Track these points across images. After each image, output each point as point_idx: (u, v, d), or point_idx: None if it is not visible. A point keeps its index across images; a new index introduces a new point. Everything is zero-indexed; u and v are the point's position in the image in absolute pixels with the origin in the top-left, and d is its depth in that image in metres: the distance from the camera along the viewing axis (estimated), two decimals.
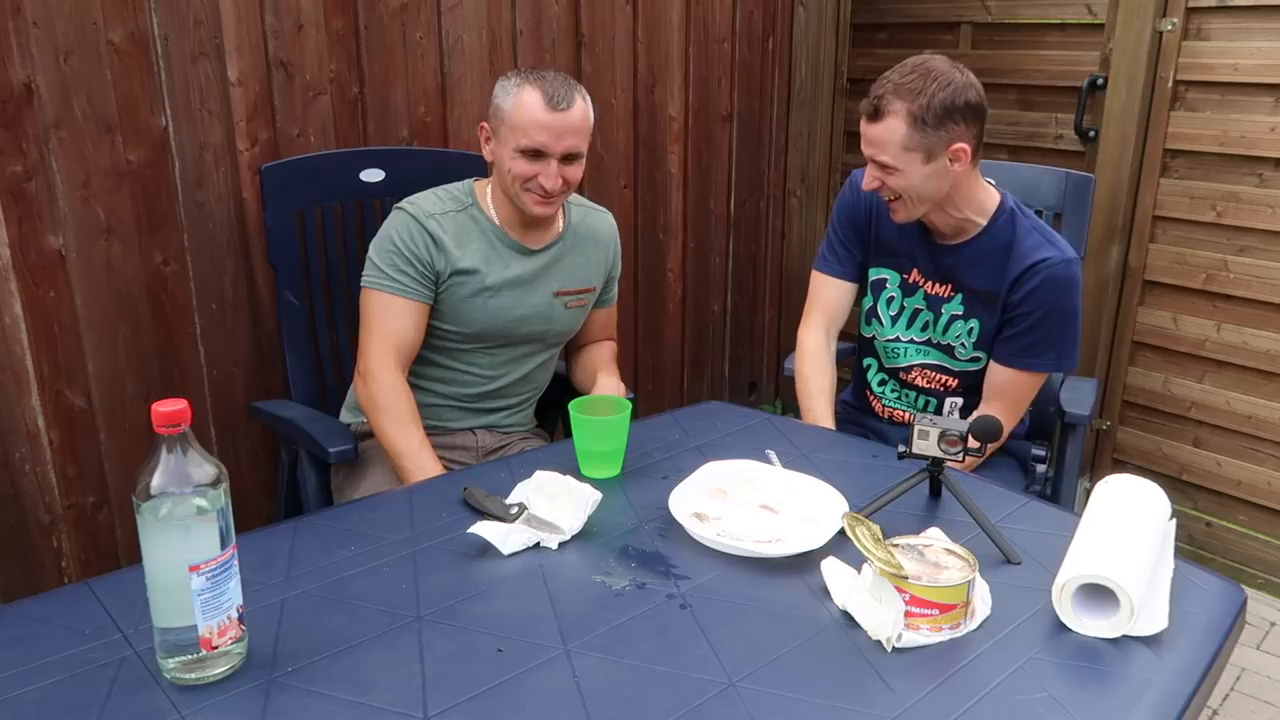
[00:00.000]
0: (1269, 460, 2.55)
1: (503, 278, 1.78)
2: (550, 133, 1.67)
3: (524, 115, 1.67)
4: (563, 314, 1.87)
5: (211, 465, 0.97)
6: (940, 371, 1.87)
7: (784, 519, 1.33)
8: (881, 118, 1.66)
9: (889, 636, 1.06)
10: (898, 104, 1.65)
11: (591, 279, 1.91)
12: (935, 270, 1.83)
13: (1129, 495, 1.25)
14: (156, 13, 1.87)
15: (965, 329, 1.82)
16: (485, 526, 1.25)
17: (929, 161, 1.67)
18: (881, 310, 1.90)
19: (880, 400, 1.98)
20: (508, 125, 1.69)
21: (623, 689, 1.00)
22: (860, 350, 2.01)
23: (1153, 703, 1.00)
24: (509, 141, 1.69)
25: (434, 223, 1.74)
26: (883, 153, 1.68)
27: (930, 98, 1.63)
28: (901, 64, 1.69)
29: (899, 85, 1.65)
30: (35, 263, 1.81)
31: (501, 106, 1.70)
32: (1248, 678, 2.30)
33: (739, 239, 3.25)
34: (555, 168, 1.69)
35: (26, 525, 1.90)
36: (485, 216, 1.79)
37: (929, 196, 1.72)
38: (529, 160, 1.69)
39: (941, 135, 1.65)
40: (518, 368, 1.87)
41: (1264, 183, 2.42)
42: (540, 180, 1.69)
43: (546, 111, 1.66)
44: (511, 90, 1.69)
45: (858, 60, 3.20)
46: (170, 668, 0.99)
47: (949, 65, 1.67)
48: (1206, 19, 2.44)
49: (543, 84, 1.67)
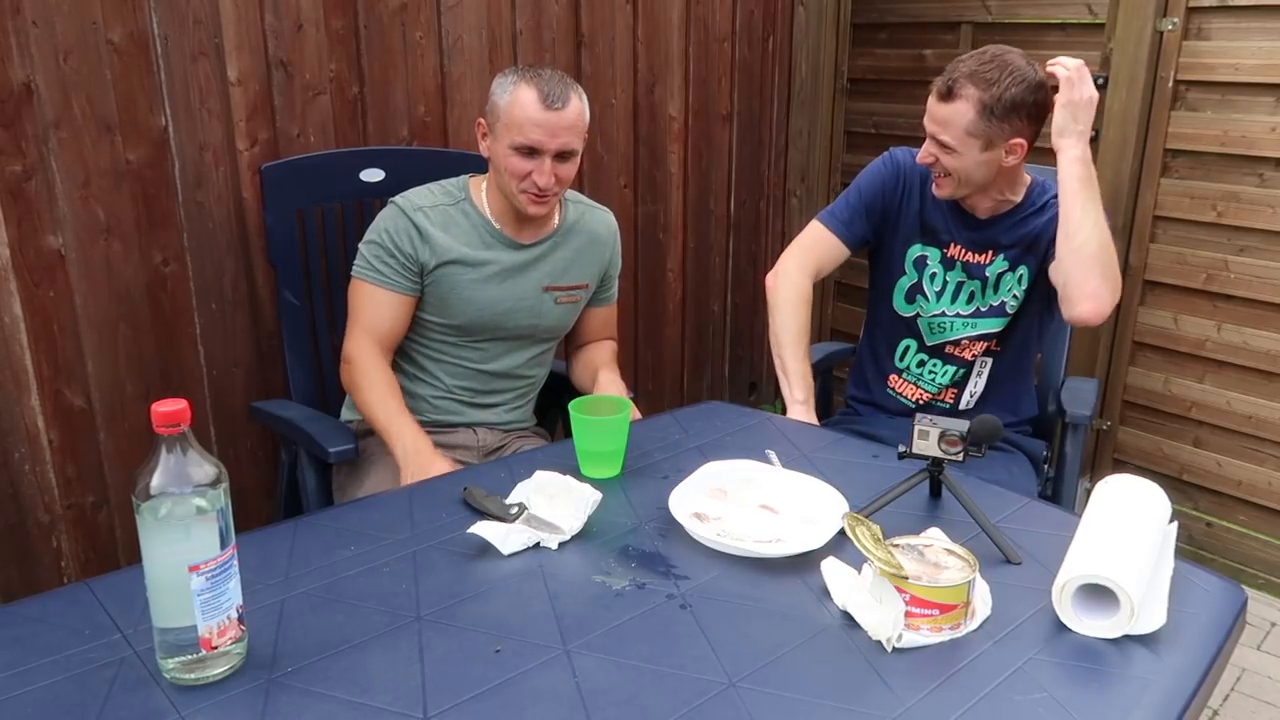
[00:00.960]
0: (1269, 460, 2.55)
1: (489, 269, 1.80)
2: (545, 130, 1.69)
3: (519, 113, 1.69)
4: (552, 309, 1.89)
5: (211, 465, 0.97)
6: (986, 339, 1.90)
7: (784, 519, 1.33)
8: (953, 99, 1.71)
9: (889, 636, 1.06)
10: (971, 89, 1.69)
11: (584, 276, 1.92)
12: (971, 242, 1.87)
13: (1129, 495, 1.25)
14: (156, 12, 1.87)
15: (1015, 279, 1.86)
16: (485, 526, 1.25)
17: (987, 150, 1.72)
18: (927, 286, 1.91)
19: (915, 384, 1.97)
20: (503, 122, 1.71)
21: (623, 689, 0.99)
22: (890, 336, 1.99)
23: (1153, 703, 1.00)
24: (504, 138, 1.72)
25: (421, 215, 1.77)
26: (945, 132, 1.73)
27: (1003, 90, 1.68)
28: (980, 51, 1.74)
29: (975, 72, 1.69)
30: (35, 263, 1.81)
31: (498, 103, 1.73)
32: (1248, 678, 2.30)
33: (739, 239, 3.25)
34: (549, 165, 1.71)
35: (26, 525, 1.90)
36: (476, 210, 1.81)
37: (978, 181, 1.78)
38: (523, 157, 1.71)
39: (1004, 128, 1.70)
40: (509, 360, 1.89)
41: (1264, 183, 2.42)
42: (534, 177, 1.71)
43: (541, 110, 1.68)
44: (508, 88, 1.71)
45: (858, 60, 3.20)
46: (170, 668, 0.99)
47: (1025, 61, 1.71)
48: (1207, 19, 2.44)
49: (539, 82, 1.70)
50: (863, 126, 3.24)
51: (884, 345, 2.00)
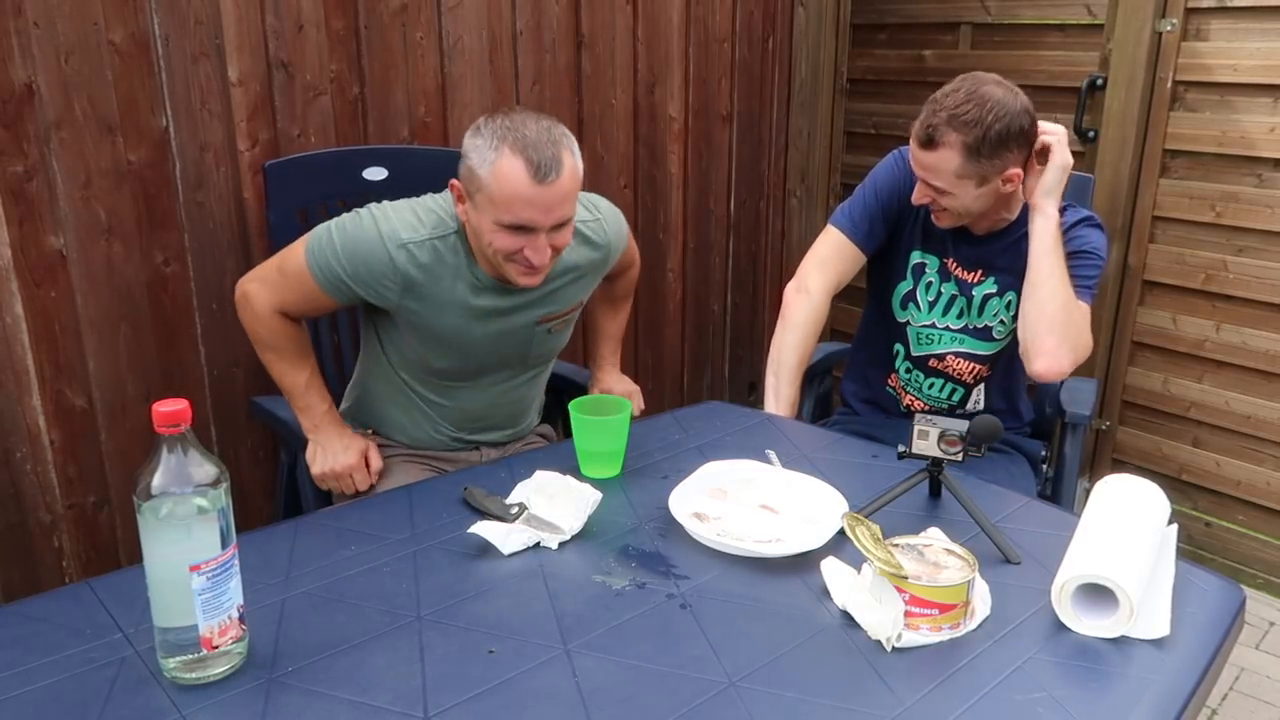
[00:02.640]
0: (1268, 460, 2.55)
1: (474, 315, 1.62)
2: (538, 208, 1.45)
3: (506, 189, 1.44)
4: (544, 338, 1.74)
5: (212, 465, 0.97)
6: (973, 360, 1.87)
7: (784, 519, 1.33)
8: (936, 147, 1.65)
9: (889, 636, 1.06)
10: (952, 135, 1.63)
11: (580, 296, 1.76)
12: (967, 259, 1.84)
13: (1129, 495, 1.25)
14: (157, 13, 1.87)
15: (1002, 304, 1.82)
16: (485, 526, 1.26)
17: (981, 186, 1.68)
18: (920, 295, 1.88)
19: (905, 389, 1.96)
20: (486, 195, 1.46)
21: (623, 689, 1.00)
22: (885, 337, 1.97)
23: (1152, 703, 1.00)
24: (488, 213, 1.47)
25: (404, 254, 1.54)
26: (936, 179, 1.68)
27: (986, 129, 1.61)
28: (954, 87, 1.65)
29: (954, 115, 1.62)
30: (36, 263, 1.81)
31: (477, 172, 1.46)
32: (1247, 677, 2.30)
33: (739, 239, 3.25)
34: (544, 240, 1.49)
35: (27, 525, 1.90)
36: (465, 251, 1.58)
37: (979, 211, 1.75)
38: (513, 234, 1.47)
39: (996, 163, 1.65)
40: (502, 393, 1.77)
41: (1263, 183, 2.42)
42: (527, 254, 1.49)
43: (533, 185, 1.43)
44: (488, 155, 1.45)
45: (858, 60, 3.20)
46: (171, 667, 0.99)
47: (1003, 90, 1.64)
48: (1206, 19, 2.44)
49: (525, 149, 1.43)
50: (863, 127, 3.24)
51: (878, 346, 1.99)
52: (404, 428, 1.78)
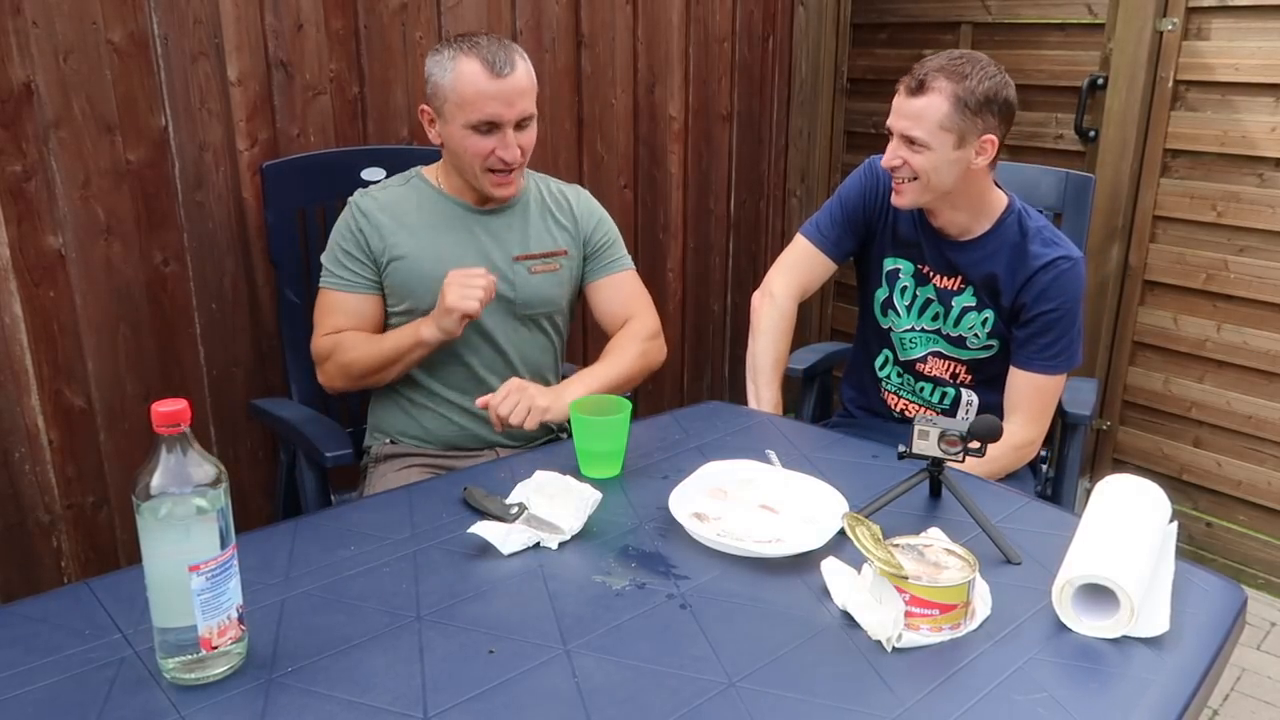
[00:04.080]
0: (1269, 460, 2.55)
1: (448, 240, 1.73)
2: (500, 100, 1.60)
3: (468, 88, 1.60)
4: (527, 279, 1.77)
5: (211, 465, 0.97)
6: (951, 360, 1.87)
7: (784, 519, 1.33)
8: (924, 93, 1.68)
9: (889, 636, 1.06)
10: (943, 82, 1.67)
11: (559, 242, 1.81)
12: (944, 264, 1.84)
13: (1129, 495, 1.25)
14: (156, 12, 1.87)
15: (979, 320, 1.82)
16: (485, 526, 1.25)
17: (959, 146, 1.69)
18: (897, 300, 1.89)
19: (895, 395, 1.96)
20: (452, 102, 1.62)
21: (623, 689, 1.00)
22: (873, 343, 1.98)
23: (1153, 703, 1.00)
24: (457, 119, 1.63)
25: (368, 199, 1.72)
26: (918, 127, 1.70)
27: (976, 83, 1.67)
28: (945, 51, 1.73)
29: (945, 66, 1.68)
30: (35, 262, 1.81)
31: (440, 83, 1.63)
32: (1248, 678, 2.30)
33: (739, 239, 3.25)
34: (511, 136, 1.63)
35: (26, 525, 1.90)
36: (427, 184, 1.76)
37: (943, 184, 1.73)
38: (482, 135, 1.63)
39: (977, 123, 1.68)
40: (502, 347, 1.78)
41: (1264, 183, 2.42)
42: (499, 153, 1.64)
43: (491, 80, 1.59)
44: (447, 65, 1.62)
45: (858, 60, 3.20)
46: (170, 668, 0.99)
47: (991, 61, 1.71)
48: (1207, 19, 2.44)
49: (479, 51, 1.60)
50: (863, 126, 3.24)
51: (870, 354, 2.00)
52: (422, 424, 1.80)
